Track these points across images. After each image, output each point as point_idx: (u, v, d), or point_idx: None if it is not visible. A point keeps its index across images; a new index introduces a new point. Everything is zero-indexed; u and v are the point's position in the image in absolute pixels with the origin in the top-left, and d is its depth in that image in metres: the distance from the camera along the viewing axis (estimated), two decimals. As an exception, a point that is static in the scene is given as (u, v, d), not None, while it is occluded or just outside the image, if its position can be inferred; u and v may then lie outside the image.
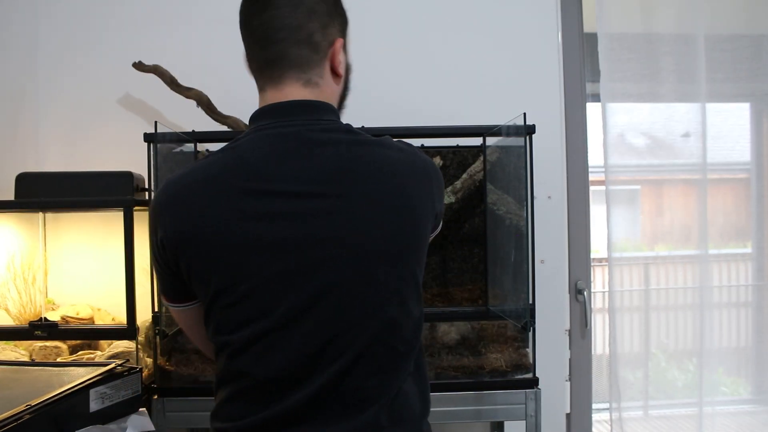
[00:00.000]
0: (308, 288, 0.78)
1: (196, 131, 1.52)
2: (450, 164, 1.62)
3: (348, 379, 0.80)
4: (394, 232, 0.80)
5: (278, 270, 0.78)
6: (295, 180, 0.79)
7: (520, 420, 1.43)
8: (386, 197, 0.80)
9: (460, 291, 1.60)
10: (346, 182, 0.79)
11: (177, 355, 1.47)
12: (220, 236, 0.79)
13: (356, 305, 0.80)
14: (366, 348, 0.80)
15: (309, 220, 0.78)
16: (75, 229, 1.74)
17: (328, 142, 0.81)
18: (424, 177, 0.85)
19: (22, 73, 1.78)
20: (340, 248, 0.78)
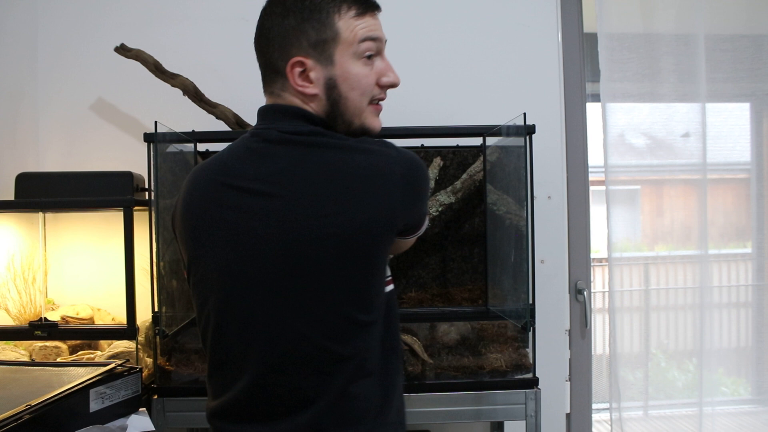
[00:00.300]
0: (243, 281, 0.84)
1: (196, 131, 1.52)
2: (450, 164, 1.62)
3: (283, 378, 0.84)
4: (329, 239, 0.81)
5: (224, 257, 0.85)
6: (251, 178, 0.85)
7: (520, 420, 1.43)
8: (324, 202, 0.82)
9: (460, 291, 1.60)
10: (290, 184, 0.83)
11: (177, 355, 1.47)
12: (195, 220, 0.88)
13: (285, 306, 0.83)
14: (296, 349, 0.83)
15: (253, 217, 0.83)
16: (75, 229, 1.74)
17: (285, 143, 0.86)
18: (384, 183, 0.84)
19: (22, 73, 1.78)
20: (273, 248, 0.82)
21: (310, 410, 0.84)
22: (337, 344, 0.84)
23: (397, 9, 1.85)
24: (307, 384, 0.84)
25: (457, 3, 1.86)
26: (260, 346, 0.85)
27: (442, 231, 1.62)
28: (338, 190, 0.82)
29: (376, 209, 0.83)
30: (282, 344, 0.84)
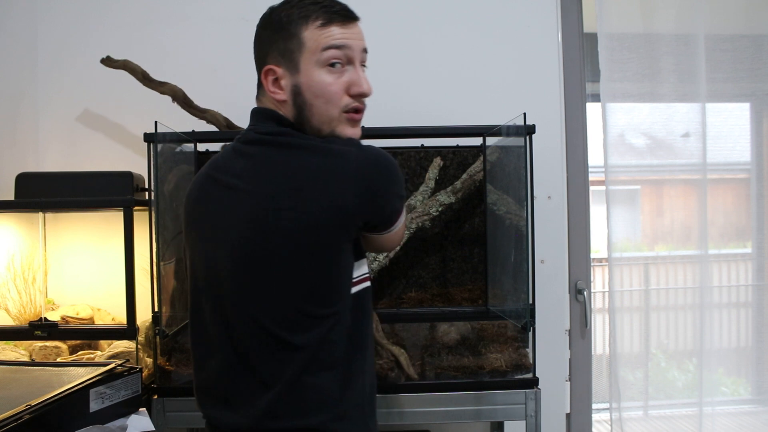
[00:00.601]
0: (215, 267, 0.94)
1: (196, 131, 1.52)
2: (450, 164, 1.62)
3: (244, 363, 0.92)
4: (282, 232, 0.87)
5: (203, 245, 0.97)
6: (231, 174, 0.94)
7: (520, 420, 1.43)
8: (280, 198, 0.88)
9: (460, 291, 1.60)
10: (254, 180, 0.91)
11: (177, 355, 1.47)
12: (190, 210, 1.00)
13: (245, 294, 0.91)
14: (254, 336, 0.91)
15: (226, 209, 0.93)
16: (75, 229, 1.74)
17: (258, 143, 0.94)
18: (335, 181, 0.88)
19: (22, 73, 1.78)
20: (237, 238, 0.91)
21: (267, 396, 0.90)
22: (290, 334, 0.90)
23: (397, 10, 1.85)
24: (264, 370, 0.91)
25: (457, 3, 1.86)
26: (226, 331, 0.93)
27: (442, 231, 1.62)
28: (293, 187, 0.88)
29: (327, 206, 0.87)
30: (242, 330, 0.92)
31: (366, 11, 1.85)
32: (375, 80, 1.83)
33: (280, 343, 0.90)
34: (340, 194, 0.88)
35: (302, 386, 0.90)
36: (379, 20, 1.84)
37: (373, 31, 1.83)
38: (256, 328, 0.91)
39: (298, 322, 0.90)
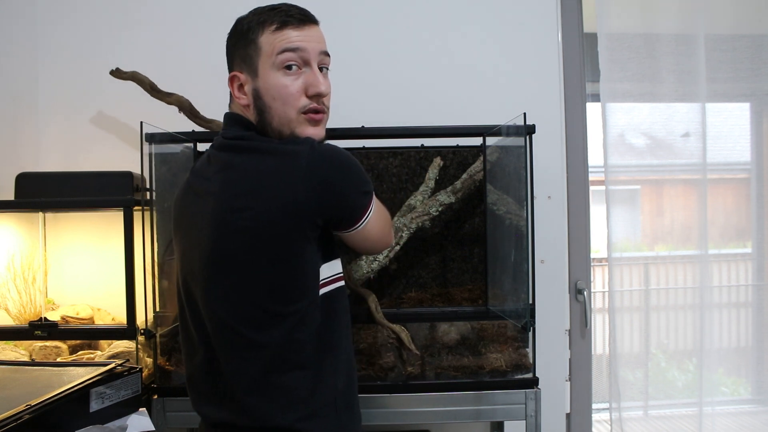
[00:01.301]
0: (190, 269, 0.99)
1: (195, 131, 1.52)
2: (450, 164, 1.62)
3: (217, 361, 0.96)
4: (240, 232, 0.91)
5: (182, 248, 1.02)
6: (202, 179, 1.00)
7: (520, 420, 1.42)
8: (238, 199, 0.92)
9: (460, 291, 1.60)
10: (216, 184, 0.95)
11: (177, 355, 1.47)
12: (175, 218, 1.07)
13: (213, 293, 0.95)
14: (222, 333, 0.95)
15: (196, 213, 0.98)
16: (75, 229, 1.74)
17: (223, 148, 0.99)
18: (286, 181, 0.90)
19: (22, 73, 1.78)
20: (204, 239, 0.95)
21: (238, 394, 0.94)
22: (253, 332, 0.93)
23: (397, 10, 1.85)
24: (232, 368, 0.94)
25: (457, 3, 1.86)
26: (202, 331, 0.98)
27: (442, 231, 1.62)
28: (248, 189, 0.91)
29: (280, 206, 0.90)
30: (213, 329, 0.96)
31: (366, 12, 1.86)
32: (375, 80, 1.84)
33: (244, 340, 0.93)
34: (292, 192, 0.90)
35: (270, 385, 0.93)
36: (378, 21, 1.85)
37: (372, 32, 1.84)
38: (224, 327, 0.95)
39: (259, 319, 0.93)
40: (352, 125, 1.48)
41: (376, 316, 1.41)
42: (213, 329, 0.96)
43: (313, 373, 0.95)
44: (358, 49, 1.84)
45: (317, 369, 0.96)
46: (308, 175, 0.90)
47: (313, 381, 0.95)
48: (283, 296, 0.93)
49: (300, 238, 0.92)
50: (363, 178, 0.98)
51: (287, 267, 0.93)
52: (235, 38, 1.01)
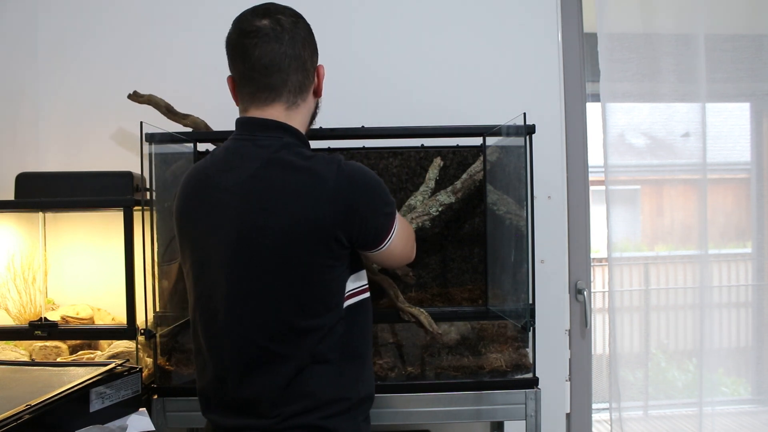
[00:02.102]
0: (209, 281, 0.98)
1: (195, 131, 1.52)
2: (450, 164, 1.62)
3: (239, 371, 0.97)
4: (261, 252, 0.92)
5: (196, 259, 0.99)
6: (220, 188, 0.96)
7: (520, 420, 1.42)
8: (262, 214, 0.92)
9: (460, 291, 1.60)
10: (244, 196, 0.94)
11: (177, 355, 1.47)
12: (182, 227, 1.03)
13: (232, 310, 0.95)
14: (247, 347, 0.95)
15: (216, 223, 0.96)
16: (75, 229, 1.74)
17: (252, 158, 0.96)
18: (313, 201, 0.92)
19: (22, 72, 1.78)
20: (221, 257, 0.95)
21: (263, 403, 0.95)
22: (278, 345, 0.94)
23: (396, 10, 1.85)
24: (256, 380, 0.95)
25: (457, 3, 1.86)
26: (220, 343, 0.98)
27: (442, 231, 1.62)
28: (272, 207, 0.92)
29: (306, 224, 0.91)
30: (236, 342, 0.96)
31: (366, 12, 1.86)
32: (375, 80, 1.84)
33: (270, 354, 0.94)
34: (320, 212, 0.92)
35: (294, 393, 0.94)
36: (378, 21, 1.84)
37: (372, 32, 1.84)
38: (249, 342, 0.95)
39: (286, 335, 0.94)
40: (352, 125, 1.48)
41: (395, 300, 1.42)
42: (237, 342, 0.96)
43: (336, 380, 0.97)
44: (358, 49, 1.84)
45: (340, 376, 0.97)
46: (334, 198, 0.92)
47: (335, 387, 0.97)
48: (310, 311, 0.95)
49: (327, 255, 0.94)
50: (387, 199, 1.00)
51: (314, 283, 0.94)
52: (311, 37, 1.04)
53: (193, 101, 1.64)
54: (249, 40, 0.96)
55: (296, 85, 1.00)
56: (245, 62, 0.97)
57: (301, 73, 1.00)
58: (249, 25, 0.97)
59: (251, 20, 0.97)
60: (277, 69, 0.97)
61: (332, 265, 0.95)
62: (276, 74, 0.97)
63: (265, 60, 0.96)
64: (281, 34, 0.97)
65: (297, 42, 0.98)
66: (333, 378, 0.97)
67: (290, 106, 1.00)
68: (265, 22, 0.96)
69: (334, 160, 0.96)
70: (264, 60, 0.96)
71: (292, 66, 0.98)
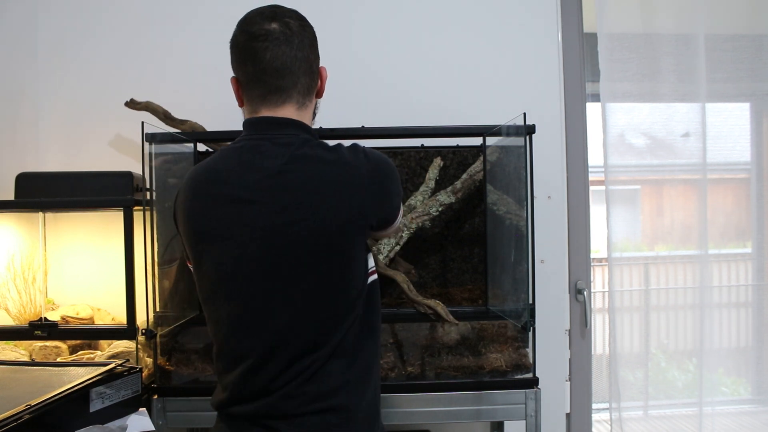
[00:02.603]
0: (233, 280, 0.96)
1: (195, 131, 1.52)
2: (450, 164, 1.62)
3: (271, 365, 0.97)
4: (296, 246, 0.93)
5: (219, 258, 0.96)
6: (240, 187, 0.95)
7: (520, 420, 1.42)
8: (297, 208, 0.93)
9: (460, 291, 1.60)
10: (271, 193, 0.94)
11: (177, 355, 1.47)
12: (189, 227, 0.99)
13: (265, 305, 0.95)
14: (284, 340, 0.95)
15: (237, 223, 0.95)
16: (75, 229, 1.74)
17: (273, 156, 0.96)
18: (350, 188, 0.95)
19: (22, 72, 1.78)
20: (248, 254, 0.94)
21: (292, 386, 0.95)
22: (318, 335, 0.95)
23: (396, 10, 1.85)
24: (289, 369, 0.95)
25: (457, 3, 1.86)
26: (252, 338, 0.96)
27: (442, 231, 1.62)
28: (305, 200, 0.93)
29: (345, 214, 0.94)
30: (273, 336, 0.95)
31: (366, 12, 1.86)
32: (375, 80, 1.84)
33: (310, 343, 0.95)
34: (357, 201, 0.95)
35: (323, 374, 0.96)
36: (378, 21, 1.84)
37: (373, 32, 1.84)
38: (287, 334, 0.95)
39: (326, 322, 0.96)
40: (352, 125, 1.48)
41: (410, 294, 1.42)
42: (274, 337, 0.96)
43: (357, 360, 1.00)
44: (358, 49, 1.84)
45: (360, 354, 1.00)
46: (369, 185, 0.97)
47: (358, 367, 1.00)
48: (348, 297, 0.97)
49: (360, 241, 0.98)
50: (399, 179, 1.06)
51: (351, 269, 0.97)
52: (315, 39, 1.06)
53: (192, 101, 1.65)
54: (259, 43, 0.98)
55: (305, 86, 1.02)
56: (255, 65, 0.98)
57: (309, 75, 1.03)
58: (258, 29, 0.98)
59: (260, 23, 0.99)
60: (288, 72, 0.99)
61: (364, 248, 1.00)
62: (288, 77, 1.00)
63: (276, 63, 0.98)
64: (291, 38, 0.99)
65: (305, 45, 1.01)
66: (355, 359, 0.99)
67: (300, 107, 1.02)
68: (275, 25, 0.98)
69: (356, 148, 1.00)
70: (276, 63, 0.98)
71: (302, 68, 1.01)
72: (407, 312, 1.47)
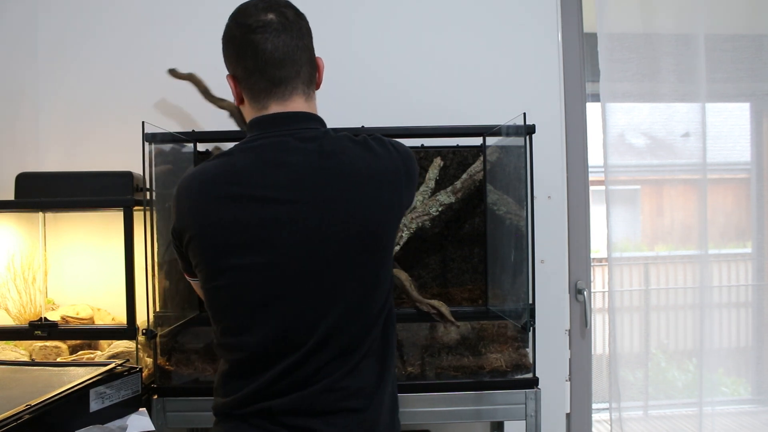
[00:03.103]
0: (271, 282, 0.91)
1: (195, 131, 1.52)
2: (450, 164, 1.62)
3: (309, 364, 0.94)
4: (344, 240, 0.90)
5: (248, 266, 0.91)
6: (269, 186, 0.91)
7: (520, 420, 1.43)
8: (343, 204, 0.90)
9: (460, 291, 1.60)
10: (308, 190, 0.90)
11: (177, 355, 1.47)
12: (209, 233, 0.92)
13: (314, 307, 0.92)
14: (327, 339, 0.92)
15: (275, 224, 0.90)
16: (75, 229, 1.74)
17: (301, 151, 0.92)
18: (390, 179, 0.94)
19: (21, 72, 1.78)
20: (295, 250, 0.90)
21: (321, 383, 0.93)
22: (363, 334, 0.94)
23: (397, 10, 1.85)
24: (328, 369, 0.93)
25: (457, 3, 1.86)
26: (290, 345, 0.92)
27: (442, 231, 1.62)
28: (351, 194, 0.91)
29: (386, 206, 0.93)
30: (316, 337, 0.92)
31: (366, 12, 1.86)
32: (375, 80, 1.84)
33: (354, 342, 0.94)
34: (393, 190, 0.95)
35: (355, 374, 0.95)
36: (378, 21, 1.84)
37: (373, 32, 1.84)
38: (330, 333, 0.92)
39: (369, 319, 0.95)
40: (352, 125, 1.48)
41: (413, 293, 1.42)
42: (323, 334, 0.92)
43: (387, 352, 0.99)
44: (358, 49, 1.84)
45: (388, 349, 1.00)
46: (406, 177, 0.97)
47: (389, 358, 1.00)
48: (383, 294, 0.97)
49: (395, 233, 0.99)
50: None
51: (387, 263, 0.97)
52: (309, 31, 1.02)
53: (192, 101, 1.64)
54: (258, 35, 0.94)
55: (308, 75, 0.99)
56: (256, 58, 0.94)
57: (310, 64, 0.99)
58: (255, 20, 0.94)
59: (256, 15, 0.95)
60: (290, 61, 0.95)
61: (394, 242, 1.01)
62: (290, 66, 0.96)
63: (278, 53, 0.94)
64: (289, 27, 0.95)
65: (303, 34, 0.98)
66: (380, 359, 0.99)
67: (307, 98, 0.99)
68: (272, 16, 0.95)
69: (381, 140, 0.98)
70: (277, 53, 0.94)
71: (303, 57, 0.97)
72: (407, 312, 1.46)
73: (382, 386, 0.97)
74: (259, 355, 0.94)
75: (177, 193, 0.97)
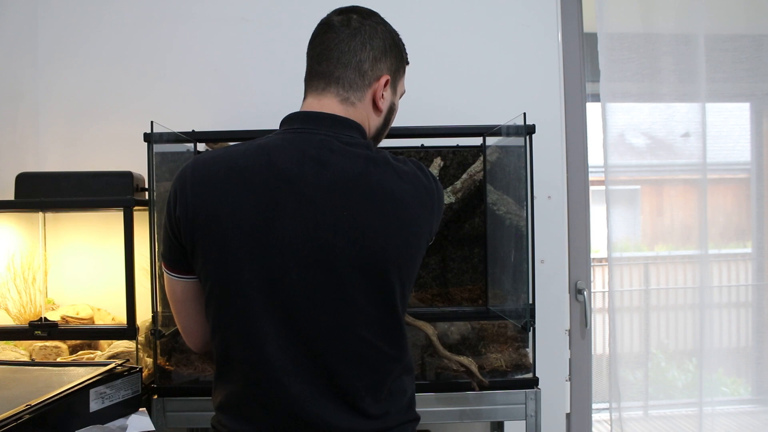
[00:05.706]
0: (288, 286, 0.86)
1: (195, 131, 1.52)
2: (450, 164, 1.62)
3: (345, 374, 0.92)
4: (385, 251, 0.87)
5: (278, 264, 0.86)
6: (310, 184, 0.86)
7: (520, 420, 1.43)
8: (386, 219, 0.87)
9: (460, 291, 1.60)
10: (353, 196, 0.86)
11: (177, 355, 1.47)
12: (237, 225, 0.85)
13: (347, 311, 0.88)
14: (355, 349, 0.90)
15: (312, 223, 0.85)
16: (75, 229, 1.74)
17: (346, 155, 0.89)
18: (426, 205, 0.93)
19: (21, 72, 1.78)
20: (331, 255, 0.86)
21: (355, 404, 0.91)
22: (388, 346, 0.92)
23: (396, 9, 1.85)
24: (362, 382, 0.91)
25: (457, 3, 1.86)
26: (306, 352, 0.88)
27: (442, 231, 1.62)
28: (395, 210, 0.89)
29: (422, 228, 0.92)
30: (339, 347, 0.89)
31: (366, 11, 1.85)
32: (375, 80, 1.83)
33: (381, 355, 0.92)
34: (428, 215, 0.94)
35: (391, 391, 0.96)
36: (379, 20, 1.84)
37: (373, 31, 1.84)
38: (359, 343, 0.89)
39: (394, 333, 0.93)
40: (352, 125, 1.48)
41: (440, 350, 1.40)
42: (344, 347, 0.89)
43: (411, 372, 1.01)
44: (358, 49, 1.83)
45: (411, 367, 1.01)
46: (438, 204, 0.97)
47: (411, 379, 1.02)
48: (404, 307, 0.96)
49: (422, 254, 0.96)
50: None
51: (410, 282, 0.95)
52: (391, 41, 1.00)
53: (192, 101, 1.64)
54: (315, 31, 0.99)
55: (348, 80, 0.95)
56: (309, 50, 0.99)
57: (356, 71, 0.95)
58: (323, 20, 1.00)
59: (329, 15, 1.00)
60: (326, 57, 0.95)
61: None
62: (325, 62, 0.95)
63: (319, 48, 0.97)
64: (341, 29, 0.96)
65: (359, 39, 0.96)
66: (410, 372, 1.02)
67: (342, 102, 0.94)
68: (337, 18, 0.98)
69: (413, 162, 0.97)
70: (318, 48, 0.97)
71: (344, 59, 0.94)
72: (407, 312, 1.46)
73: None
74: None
75: (192, 175, 0.89)
